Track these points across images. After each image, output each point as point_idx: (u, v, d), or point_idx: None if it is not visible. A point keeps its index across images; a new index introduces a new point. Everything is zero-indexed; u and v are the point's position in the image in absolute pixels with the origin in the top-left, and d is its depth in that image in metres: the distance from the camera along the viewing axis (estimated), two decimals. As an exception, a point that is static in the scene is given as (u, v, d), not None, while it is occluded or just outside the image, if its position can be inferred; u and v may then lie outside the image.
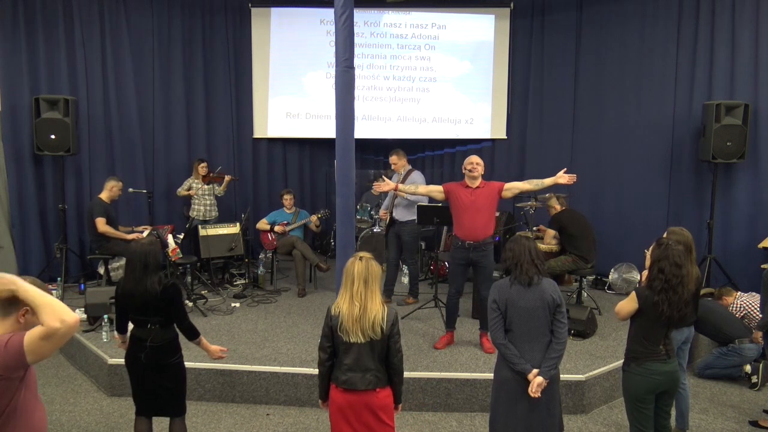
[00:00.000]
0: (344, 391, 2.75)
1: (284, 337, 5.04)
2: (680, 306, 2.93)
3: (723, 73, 6.27)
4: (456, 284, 4.78)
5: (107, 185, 6.10)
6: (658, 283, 2.93)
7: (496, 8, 7.78)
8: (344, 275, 2.79)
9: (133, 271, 3.13)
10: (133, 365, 3.21)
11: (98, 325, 5.02)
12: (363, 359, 2.72)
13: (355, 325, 2.69)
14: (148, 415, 3.29)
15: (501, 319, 2.97)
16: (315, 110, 8.02)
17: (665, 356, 3.00)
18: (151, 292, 3.08)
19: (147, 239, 3.26)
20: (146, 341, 3.14)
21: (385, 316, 2.72)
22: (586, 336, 5.01)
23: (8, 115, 6.36)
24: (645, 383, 3.01)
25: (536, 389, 2.86)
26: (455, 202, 4.64)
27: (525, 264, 2.96)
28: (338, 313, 2.73)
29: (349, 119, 4.06)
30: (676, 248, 2.96)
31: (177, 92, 7.48)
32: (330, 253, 7.75)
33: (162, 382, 3.19)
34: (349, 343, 2.71)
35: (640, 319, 3.02)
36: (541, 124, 7.63)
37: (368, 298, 2.71)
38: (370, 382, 2.73)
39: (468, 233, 4.58)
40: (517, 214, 7.19)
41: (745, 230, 6.17)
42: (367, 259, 2.78)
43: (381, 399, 2.77)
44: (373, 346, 2.72)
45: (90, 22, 6.78)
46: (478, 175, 4.58)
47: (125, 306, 3.22)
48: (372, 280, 2.74)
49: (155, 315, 3.13)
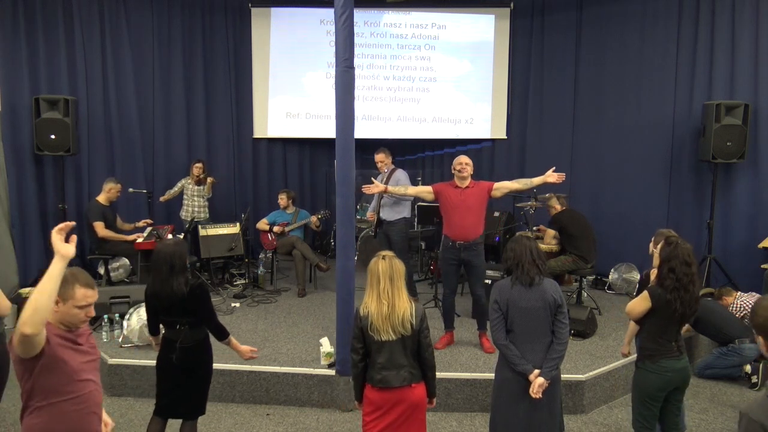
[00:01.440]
0: (380, 389, 2.77)
1: (284, 337, 5.04)
2: (691, 303, 2.98)
3: (723, 73, 6.27)
4: (449, 284, 4.79)
5: (105, 187, 6.11)
6: (670, 282, 2.95)
7: (496, 8, 7.78)
8: (369, 275, 2.81)
9: (159, 272, 3.10)
10: (164, 367, 3.18)
11: (98, 325, 5.02)
12: (396, 356, 2.74)
13: (385, 323, 2.71)
14: (166, 417, 3.25)
15: (502, 320, 2.97)
16: (315, 110, 8.03)
17: (678, 353, 3.04)
18: (178, 293, 3.06)
19: (173, 240, 3.24)
20: (176, 342, 3.12)
21: (413, 312, 2.75)
22: (586, 336, 5.01)
23: (8, 115, 6.36)
24: (659, 380, 3.03)
25: (537, 390, 2.86)
26: (445, 202, 4.66)
27: (526, 264, 2.96)
28: (367, 313, 2.75)
29: (349, 119, 4.06)
30: (685, 246, 2.98)
31: (177, 92, 7.49)
32: (330, 253, 7.75)
33: (190, 383, 3.17)
34: (380, 341, 2.73)
35: (653, 317, 3.04)
36: (541, 124, 7.63)
37: (395, 295, 2.74)
38: (405, 378, 2.76)
39: (458, 233, 4.59)
40: (517, 214, 7.19)
41: (745, 230, 6.17)
42: (390, 258, 2.80)
43: (416, 394, 2.80)
44: (405, 343, 2.74)
45: (90, 22, 6.78)
46: (468, 175, 4.60)
47: (154, 307, 3.22)
48: (397, 277, 2.77)
49: (183, 316, 3.11)
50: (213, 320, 3.20)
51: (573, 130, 7.48)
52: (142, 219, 6.62)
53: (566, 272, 5.82)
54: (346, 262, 4.09)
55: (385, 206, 5.84)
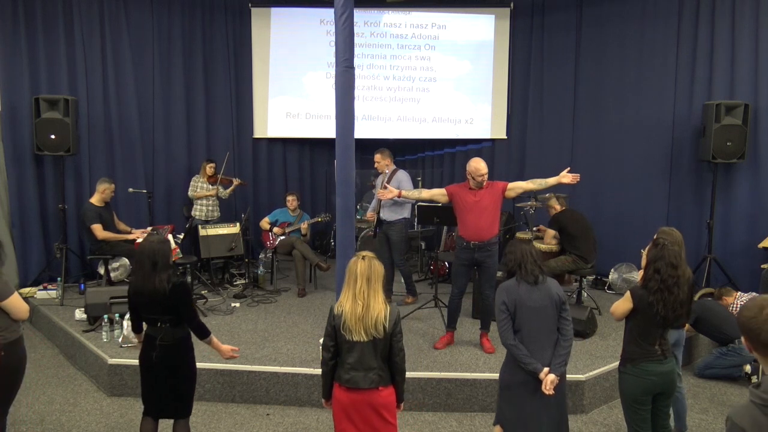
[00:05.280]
0: (347, 389, 2.76)
1: (284, 337, 5.04)
2: (675, 306, 2.94)
3: (723, 73, 6.27)
4: (459, 284, 4.78)
5: (99, 188, 6.11)
6: (654, 284, 2.93)
7: (496, 8, 7.78)
8: (347, 274, 2.80)
9: (142, 269, 3.11)
10: (145, 364, 3.19)
11: (98, 325, 5.03)
12: (366, 358, 2.72)
13: (358, 323, 2.69)
14: (155, 417, 3.26)
15: (510, 321, 2.98)
16: (315, 110, 8.03)
17: (661, 356, 3.00)
18: (160, 290, 3.06)
19: (157, 237, 3.24)
20: (156, 340, 3.12)
21: (387, 315, 2.73)
22: (586, 336, 5.01)
23: (8, 115, 6.36)
24: (641, 384, 3.00)
25: (550, 386, 2.87)
26: (459, 204, 4.65)
27: (529, 264, 2.99)
28: (341, 311, 2.74)
29: (349, 119, 4.06)
30: (672, 249, 2.97)
31: (177, 92, 7.48)
32: (330, 253, 7.76)
33: (172, 382, 3.17)
34: (352, 341, 2.72)
35: (636, 319, 3.02)
36: (541, 124, 7.63)
37: (371, 296, 2.72)
38: (373, 380, 2.74)
39: (473, 233, 4.58)
40: (517, 214, 7.19)
41: (745, 230, 6.17)
42: (369, 258, 2.78)
43: (384, 397, 2.77)
44: (376, 345, 2.72)
45: (90, 22, 6.78)
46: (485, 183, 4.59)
47: (136, 304, 3.22)
48: (375, 278, 2.75)
49: (165, 313, 3.11)
50: (194, 319, 3.20)
51: (573, 130, 7.48)
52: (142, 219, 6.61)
53: (566, 272, 5.82)
54: (346, 262, 4.07)
55: (384, 206, 5.83)
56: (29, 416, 4.07)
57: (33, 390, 4.50)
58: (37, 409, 4.20)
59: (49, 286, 6.25)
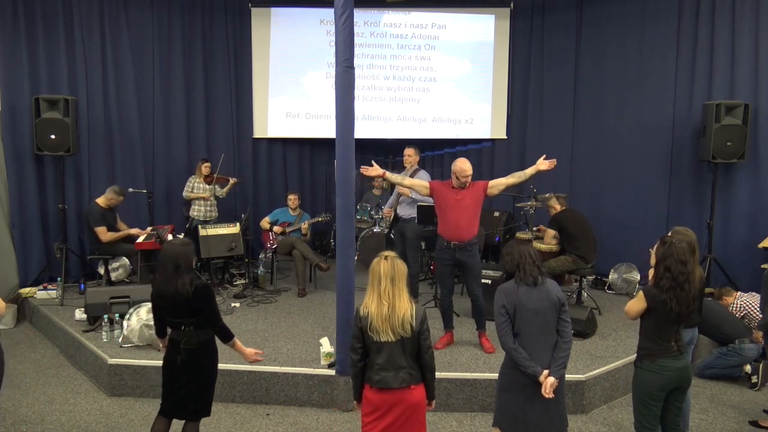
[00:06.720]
0: (379, 390, 2.76)
1: (284, 337, 5.04)
2: (688, 302, 2.97)
3: (723, 73, 6.27)
4: (446, 285, 4.80)
5: (108, 193, 6.14)
6: (666, 282, 2.95)
7: (496, 8, 7.78)
8: (370, 275, 2.79)
9: (165, 272, 3.10)
10: (170, 368, 3.17)
11: (98, 325, 5.03)
12: (395, 357, 2.73)
13: (385, 323, 2.70)
14: (171, 417, 3.25)
15: (509, 324, 2.96)
16: (315, 110, 8.03)
17: (677, 353, 3.03)
18: (182, 293, 3.04)
19: (180, 240, 3.24)
20: (181, 344, 3.11)
21: (413, 314, 2.74)
22: (586, 336, 5.01)
23: (8, 115, 6.36)
24: (658, 380, 3.03)
25: (549, 389, 2.86)
26: (440, 201, 4.66)
27: (527, 265, 2.97)
28: (367, 313, 2.74)
29: (349, 119, 4.06)
30: (680, 245, 2.98)
31: (177, 92, 7.49)
32: (330, 253, 7.76)
33: (195, 385, 3.16)
34: (380, 342, 2.72)
35: (650, 317, 3.04)
36: (541, 124, 7.63)
37: (396, 296, 2.72)
38: (404, 379, 2.75)
39: (452, 233, 4.59)
40: (517, 214, 7.19)
41: (745, 230, 6.17)
42: (392, 258, 2.79)
43: (415, 396, 2.79)
44: (404, 344, 2.73)
45: (90, 22, 6.77)
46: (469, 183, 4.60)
47: (158, 307, 3.21)
48: (399, 278, 2.75)
49: (188, 317, 3.10)
50: (218, 322, 3.19)
51: (573, 130, 7.47)
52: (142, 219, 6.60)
53: (566, 272, 5.82)
54: (346, 262, 4.09)
55: (402, 203, 5.88)
56: (29, 416, 4.07)
57: (33, 390, 4.51)
58: (37, 409, 4.20)
59: (49, 286, 6.25)
